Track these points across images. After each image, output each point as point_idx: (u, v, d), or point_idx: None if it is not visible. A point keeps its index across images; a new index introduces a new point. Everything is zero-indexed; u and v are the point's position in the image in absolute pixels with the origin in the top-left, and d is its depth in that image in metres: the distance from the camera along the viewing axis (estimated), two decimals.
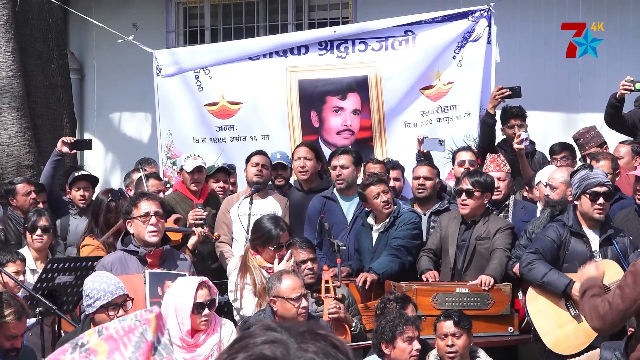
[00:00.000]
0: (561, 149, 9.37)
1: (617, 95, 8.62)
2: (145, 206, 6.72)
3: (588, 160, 8.87)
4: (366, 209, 8.15)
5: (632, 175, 7.80)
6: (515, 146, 8.59)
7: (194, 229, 8.06)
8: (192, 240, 8.04)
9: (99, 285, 5.90)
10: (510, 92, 8.88)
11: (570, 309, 6.86)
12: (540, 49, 11.20)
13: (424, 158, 8.80)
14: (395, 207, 7.96)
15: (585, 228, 7.04)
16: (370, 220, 8.04)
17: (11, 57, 10.91)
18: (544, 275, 6.84)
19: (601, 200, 6.97)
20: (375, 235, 8.01)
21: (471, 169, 8.41)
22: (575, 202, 7.05)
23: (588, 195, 6.95)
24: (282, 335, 1.57)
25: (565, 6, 11.13)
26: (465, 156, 8.72)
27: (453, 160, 8.86)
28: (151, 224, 6.67)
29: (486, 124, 9.00)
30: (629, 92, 8.61)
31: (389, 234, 7.89)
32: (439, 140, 8.87)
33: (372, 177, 8.12)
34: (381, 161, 9.07)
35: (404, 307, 6.77)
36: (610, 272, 6.88)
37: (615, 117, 8.86)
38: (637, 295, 5.26)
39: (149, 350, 2.58)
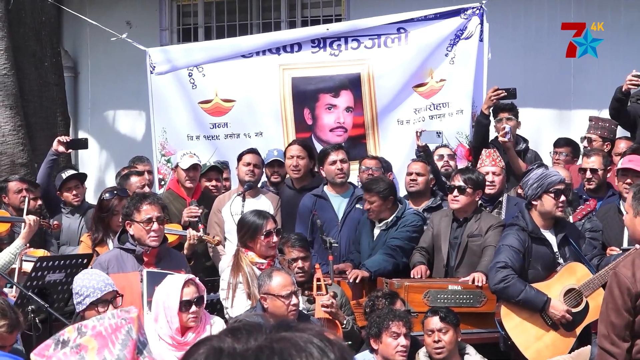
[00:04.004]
0: (564, 144, 9.39)
1: (623, 90, 8.57)
2: (148, 211, 6.70)
3: (586, 143, 8.94)
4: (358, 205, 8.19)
5: (621, 167, 7.77)
6: (500, 139, 8.57)
7: (187, 232, 7.99)
8: (186, 244, 7.97)
9: (87, 283, 5.89)
10: (506, 93, 8.85)
11: (546, 319, 6.77)
12: (532, 46, 11.20)
13: (423, 153, 8.81)
14: (401, 206, 7.97)
15: (542, 230, 6.95)
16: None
17: (4, 55, 10.88)
18: (520, 293, 6.69)
19: (562, 197, 6.92)
20: (376, 232, 8.03)
21: (450, 162, 8.44)
22: (534, 202, 6.93)
23: (552, 194, 6.87)
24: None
25: (557, 3, 11.12)
26: (444, 151, 8.90)
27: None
28: (153, 230, 6.68)
29: (480, 124, 8.98)
30: (635, 87, 8.57)
31: (389, 232, 7.90)
32: (437, 132, 8.92)
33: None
34: (376, 157, 9.11)
35: (392, 303, 6.79)
36: (578, 274, 6.85)
37: (620, 110, 8.82)
38: (628, 304, 5.11)
39: (134, 348, 2.65)
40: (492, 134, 9.23)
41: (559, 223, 7.01)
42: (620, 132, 9.46)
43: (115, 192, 7.97)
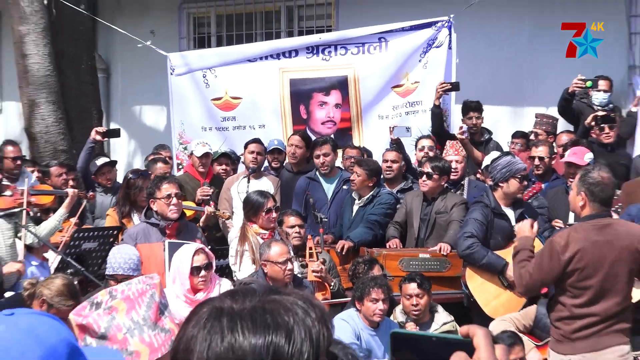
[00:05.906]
0: (520, 136, 9.52)
1: (569, 91, 8.68)
2: (167, 189, 6.82)
3: (533, 137, 9.05)
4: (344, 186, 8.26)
5: (565, 160, 7.90)
6: (458, 136, 8.62)
7: (204, 208, 8.09)
8: (202, 218, 8.07)
9: (113, 258, 6.21)
10: (451, 87, 8.91)
11: (503, 281, 6.83)
12: (494, 54, 11.22)
13: (396, 145, 8.86)
14: (377, 188, 8.06)
15: (503, 207, 7.02)
16: (354, 194, 8.15)
17: (48, 59, 10.92)
18: (483, 258, 6.76)
19: (525, 182, 7.03)
20: (355, 208, 8.11)
21: (430, 153, 8.52)
22: (501, 184, 6.98)
23: (518, 179, 6.95)
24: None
25: (515, 16, 11.17)
26: (425, 143, 8.82)
27: (415, 146, 8.93)
28: (173, 204, 6.79)
29: (434, 114, 9.01)
30: (580, 89, 8.66)
31: (367, 209, 7.98)
32: (406, 128, 8.92)
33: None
34: (357, 147, 9.17)
35: (371, 268, 6.85)
36: None
37: (566, 108, 8.96)
38: (552, 267, 5.31)
39: (157, 309, 2.72)
40: (456, 128, 9.29)
41: (517, 202, 7.10)
42: (561, 126, 9.57)
43: (139, 173, 8.08)
